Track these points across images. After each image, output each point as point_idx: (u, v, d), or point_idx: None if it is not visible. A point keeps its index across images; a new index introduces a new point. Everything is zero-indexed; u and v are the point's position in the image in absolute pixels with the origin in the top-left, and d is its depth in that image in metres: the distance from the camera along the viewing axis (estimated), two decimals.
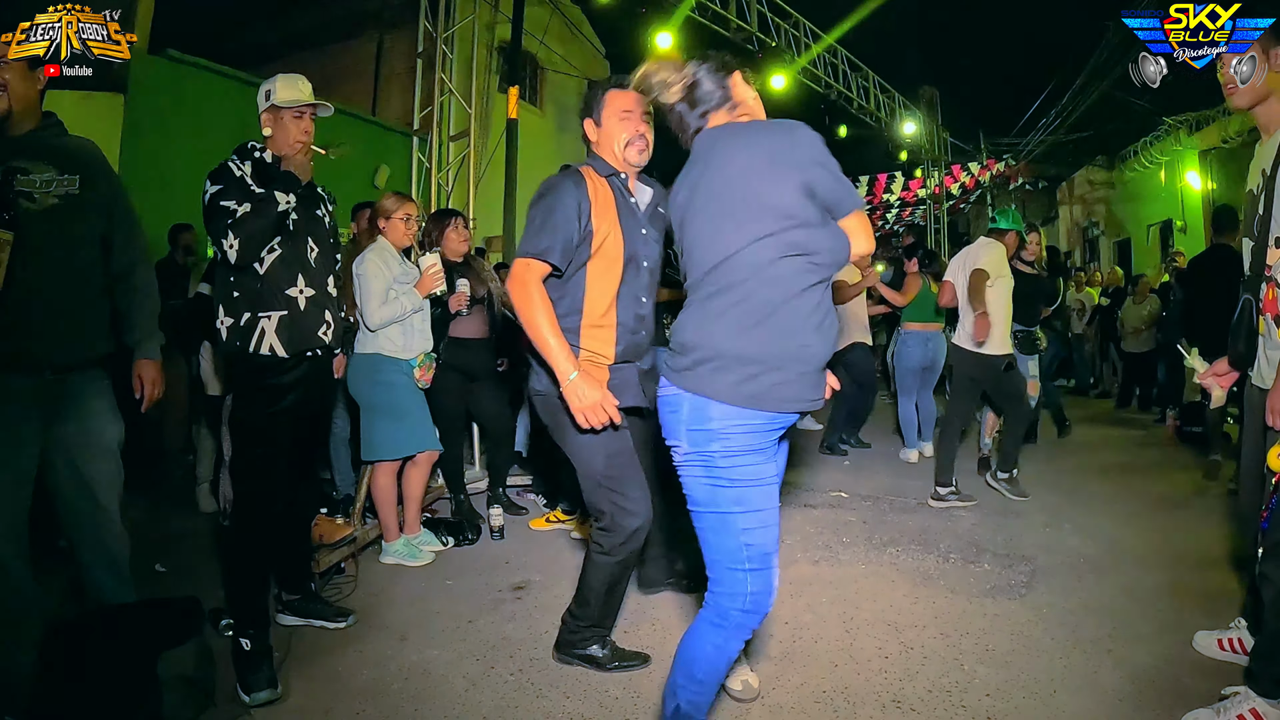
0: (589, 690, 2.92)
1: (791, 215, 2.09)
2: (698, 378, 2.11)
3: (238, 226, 2.89)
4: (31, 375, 2.59)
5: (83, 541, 2.78)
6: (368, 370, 4.14)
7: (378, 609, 3.69)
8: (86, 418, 2.74)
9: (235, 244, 2.88)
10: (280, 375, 3.06)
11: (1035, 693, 2.83)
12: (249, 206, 2.91)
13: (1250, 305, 2.71)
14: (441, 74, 9.48)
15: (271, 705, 2.85)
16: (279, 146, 3.11)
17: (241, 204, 2.92)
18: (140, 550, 4.15)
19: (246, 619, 2.98)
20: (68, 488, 2.71)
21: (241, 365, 3.05)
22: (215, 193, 2.94)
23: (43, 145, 2.69)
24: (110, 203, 2.82)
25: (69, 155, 2.72)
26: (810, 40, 12.91)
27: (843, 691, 2.86)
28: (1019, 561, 4.18)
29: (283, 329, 3.04)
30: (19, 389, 2.56)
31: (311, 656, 3.22)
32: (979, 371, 5.43)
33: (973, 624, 3.40)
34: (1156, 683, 2.88)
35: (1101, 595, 3.71)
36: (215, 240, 2.94)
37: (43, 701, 2.45)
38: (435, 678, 3.04)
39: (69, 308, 2.67)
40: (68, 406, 2.69)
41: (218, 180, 2.97)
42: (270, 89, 3.10)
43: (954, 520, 5.00)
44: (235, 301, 3.02)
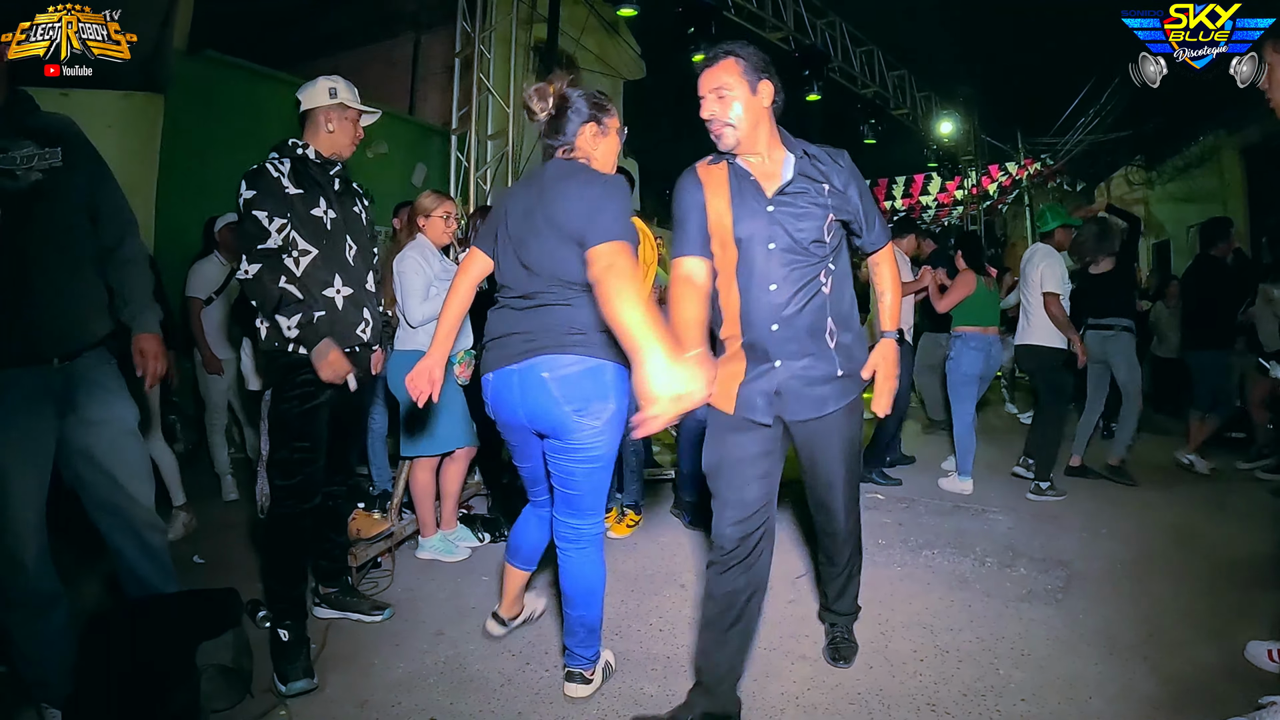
0: (623, 689, 2.94)
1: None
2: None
3: (259, 258, 2.95)
4: (38, 364, 2.52)
5: (114, 528, 2.73)
6: (408, 367, 4.12)
7: (414, 604, 3.73)
8: (99, 403, 2.68)
9: (250, 272, 2.95)
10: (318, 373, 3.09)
11: (1070, 698, 2.82)
12: (276, 238, 2.98)
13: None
14: (480, 73, 9.52)
15: (308, 696, 2.89)
16: (338, 144, 3.21)
17: (273, 220, 2.96)
18: (177, 541, 4.25)
19: (284, 610, 3.02)
20: (88, 475, 2.66)
21: (280, 363, 3.08)
22: (250, 199, 2.97)
23: (15, 122, 2.55)
24: (94, 174, 2.72)
25: (44, 130, 2.59)
26: (847, 40, 12.84)
27: (877, 693, 2.86)
28: (1055, 566, 4.15)
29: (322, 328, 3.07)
30: (27, 382, 2.49)
31: (348, 649, 3.27)
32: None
33: (1008, 628, 3.38)
34: (1193, 691, 2.86)
35: (1138, 601, 3.67)
36: (239, 250, 3.00)
37: (81, 690, 2.49)
38: (471, 672, 3.07)
39: (65, 286, 2.59)
40: (77, 393, 2.62)
41: (254, 184, 2.99)
42: (334, 88, 3.18)
43: (990, 524, 4.97)
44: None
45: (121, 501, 2.73)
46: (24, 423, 2.50)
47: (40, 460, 2.55)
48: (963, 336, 5.94)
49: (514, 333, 2.68)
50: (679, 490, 5.06)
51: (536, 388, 2.62)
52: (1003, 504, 5.42)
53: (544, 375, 2.60)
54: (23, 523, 2.49)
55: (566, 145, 2.78)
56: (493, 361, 2.76)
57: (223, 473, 5.66)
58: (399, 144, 10.35)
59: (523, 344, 2.65)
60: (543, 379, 2.60)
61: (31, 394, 2.51)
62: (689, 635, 3.35)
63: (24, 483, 2.50)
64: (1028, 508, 5.30)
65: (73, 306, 2.62)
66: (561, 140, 2.78)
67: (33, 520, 2.52)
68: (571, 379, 2.59)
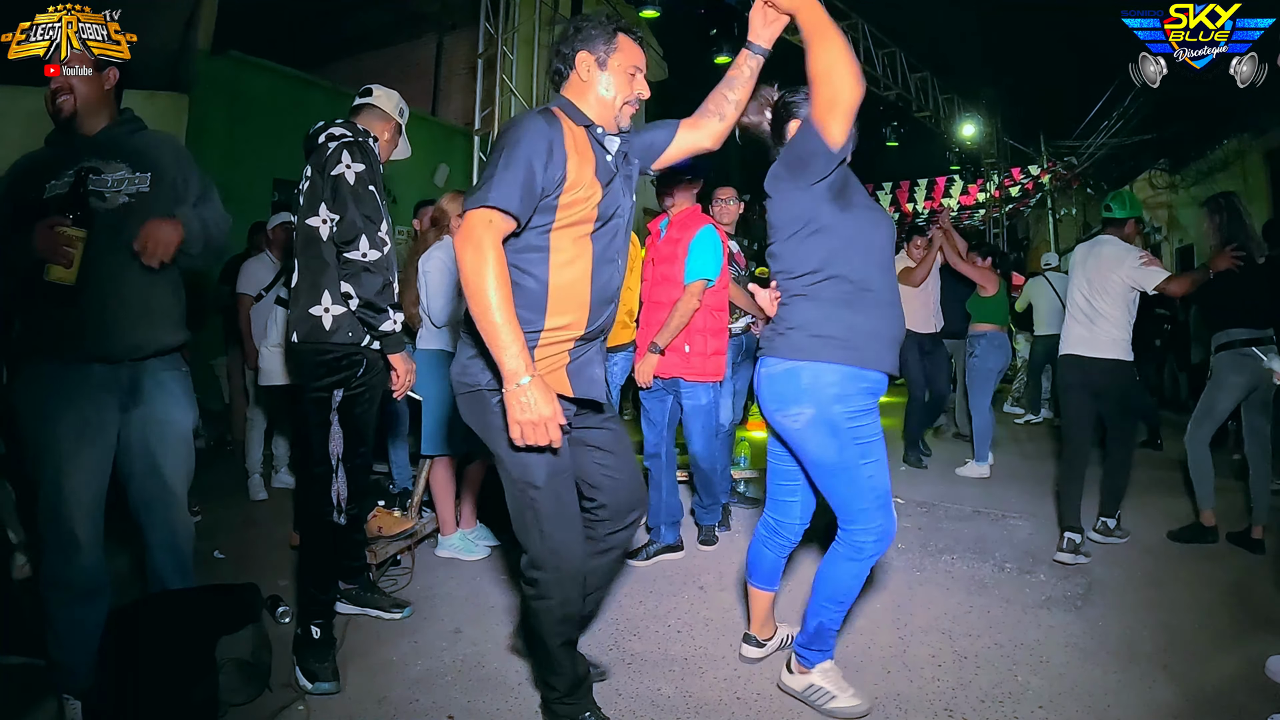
0: (640, 690, 2.94)
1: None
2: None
3: (380, 245, 2.98)
4: (109, 364, 2.64)
5: (151, 524, 2.81)
6: (432, 366, 4.20)
7: (433, 602, 3.76)
8: (161, 404, 2.77)
9: (379, 253, 2.97)
10: (378, 367, 3.14)
11: (1089, 706, 2.80)
12: (384, 230, 3.01)
13: None
14: (503, 74, 9.55)
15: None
16: (383, 154, 3.28)
17: (381, 202, 3.02)
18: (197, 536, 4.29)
19: (318, 608, 3.04)
20: (140, 472, 2.75)
21: (347, 360, 3.06)
22: (361, 173, 2.99)
23: (116, 143, 2.72)
24: (181, 184, 2.81)
25: (142, 152, 2.74)
26: (869, 41, 12.81)
27: (895, 698, 2.86)
28: (1075, 573, 4.12)
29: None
30: (98, 377, 2.62)
31: (367, 646, 3.29)
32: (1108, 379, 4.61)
33: (1027, 634, 3.37)
34: (1213, 701, 2.84)
35: (1159, 610, 3.65)
36: (351, 229, 2.94)
37: (104, 682, 2.53)
38: (489, 670, 3.09)
39: (141, 299, 2.69)
40: (144, 393, 2.72)
41: (358, 157, 3.00)
42: (402, 107, 3.33)
43: (1010, 529, 4.95)
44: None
45: (166, 500, 2.82)
46: (86, 410, 2.61)
47: (101, 448, 2.65)
48: (987, 335, 6.47)
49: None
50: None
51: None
52: (1023, 509, 5.39)
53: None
54: (79, 504, 2.58)
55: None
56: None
57: (252, 470, 5.72)
58: (421, 144, 10.37)
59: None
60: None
61: (97, 386, 2.63)
62: (706, 636, 3.37)
63: (83, 466, 2.59)
64: (1048, 513, 5.24)
65: (146, 318, 2.72)
66: (779, 145, 2.80)
67: (89, 503, 2.61)
68: (774, 378, 2.72)
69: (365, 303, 2.96)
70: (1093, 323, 4.56)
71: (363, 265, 2.93)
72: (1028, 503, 5.55)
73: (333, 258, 3.02)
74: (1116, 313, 4.50)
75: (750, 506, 5.28)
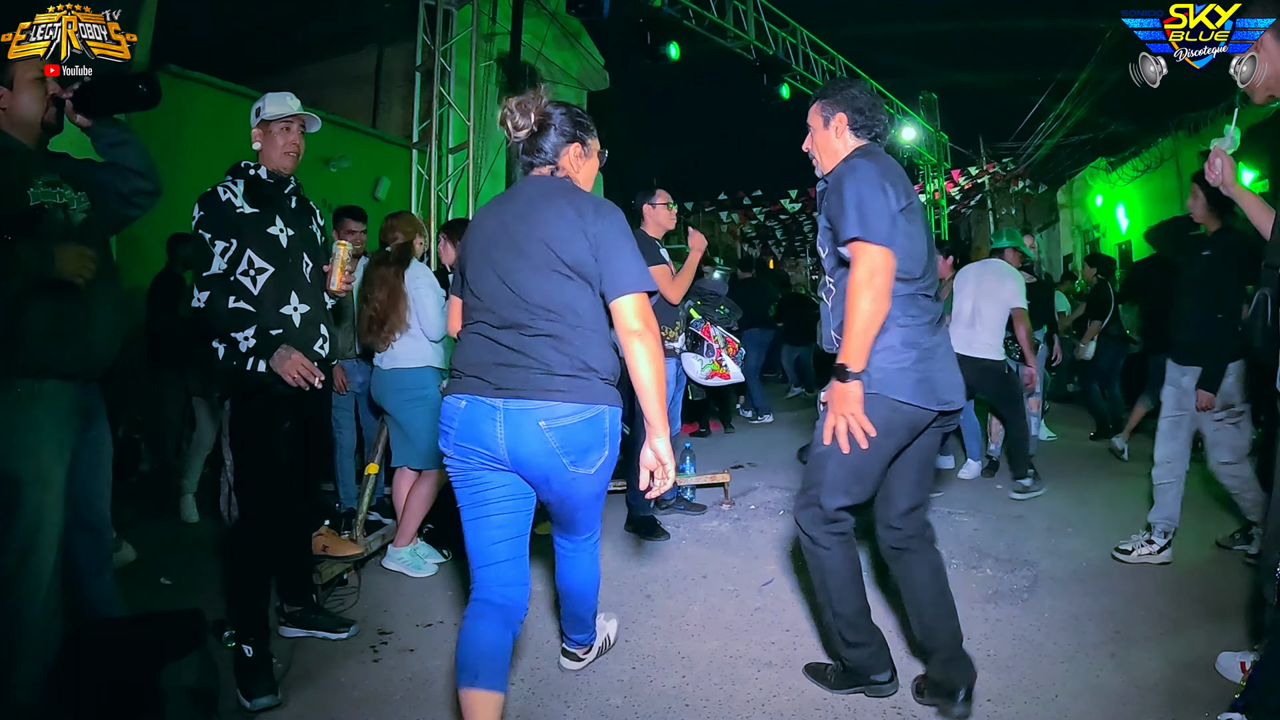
0: (590, 700, 2.93)
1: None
2: None
3: (206, 285, 3.02)
4: (73, 381, 2.61)
5: (85, 550, 2.76)
6: (419, 384, 4.28)
7: (380, 620, 3.70)
8: (97, 425, 2.77)
9: (201, 300, 3.03)
10: (276, 391, 3.10)
11: (1037, 697, 2.84)
12: (220, 262, 3.04)
13: (1266, 300, 2.52)
14: (440, 87, 9.48)
15: (275, 714, 2.88)
16: (269, 159, 3.24)
17: (215, 244, 3.03)
18: (143, 562, 4.20)
19: (248, 627, 3.01)
20: (80, 493, 2.68)
21: (238, 383, 3.09)
22: (199, 219, 3.06)
23: (54, 164, 2.71)
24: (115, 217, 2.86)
25: (77, 175, 2.73)
26: (808, 48, 12.93)
27: (844, 699, 2.86)
28: (1021, 566, 4.18)
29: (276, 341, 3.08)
30: (68, 395, 2.58)
31: (315, 667, 3.24)
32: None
33: (975, 629, 3.39)
34: (1159, 686, 2.89)
35: (1104, 600, 3.71)
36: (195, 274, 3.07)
37: (48, 714, 2.46)
38: (439, 688, 3.05)
39: (112, 316, 2.71)
40: (88, 415, 2.70)
41: (202, 206, 3.08)
42: (260, 106, 3.24)
43: (956, 525, 5.00)
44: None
45: (99, 524, 2.80)
46: (62, 432, 2.57)
47: (64, 470, 2.58)
48: None
49: (499, 363, 2.40)
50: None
51: (532, 436, 2.35)
52: (968, 505, 5.46)
53: (540, 425, 2.35)
54: (56, 537, 2.53)
55: (549, 164, 2.62)
56: (468, 388, 2.43)
57: (188, 491, 5.56)
58: (361, 157, 10.33)
59: (509, 377, 2.38)
60: (539, 429, 2.35)
61: (71, 407, 2.60)
62: (710, 634, 3.41)
63: (58, 491, 2.53)
64: (993, 509, 5.34)
65: (115, 335, 2.74)
66: (541, 159, 2.61)
67: (59, 533, 2.55)
68: (571, 430, 2.38)
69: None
70: (971, 328, 5.72)
71: (196, 310, 3.05)
72: (973, 499, 5.63)
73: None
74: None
75: (696, 512, 5.31)
